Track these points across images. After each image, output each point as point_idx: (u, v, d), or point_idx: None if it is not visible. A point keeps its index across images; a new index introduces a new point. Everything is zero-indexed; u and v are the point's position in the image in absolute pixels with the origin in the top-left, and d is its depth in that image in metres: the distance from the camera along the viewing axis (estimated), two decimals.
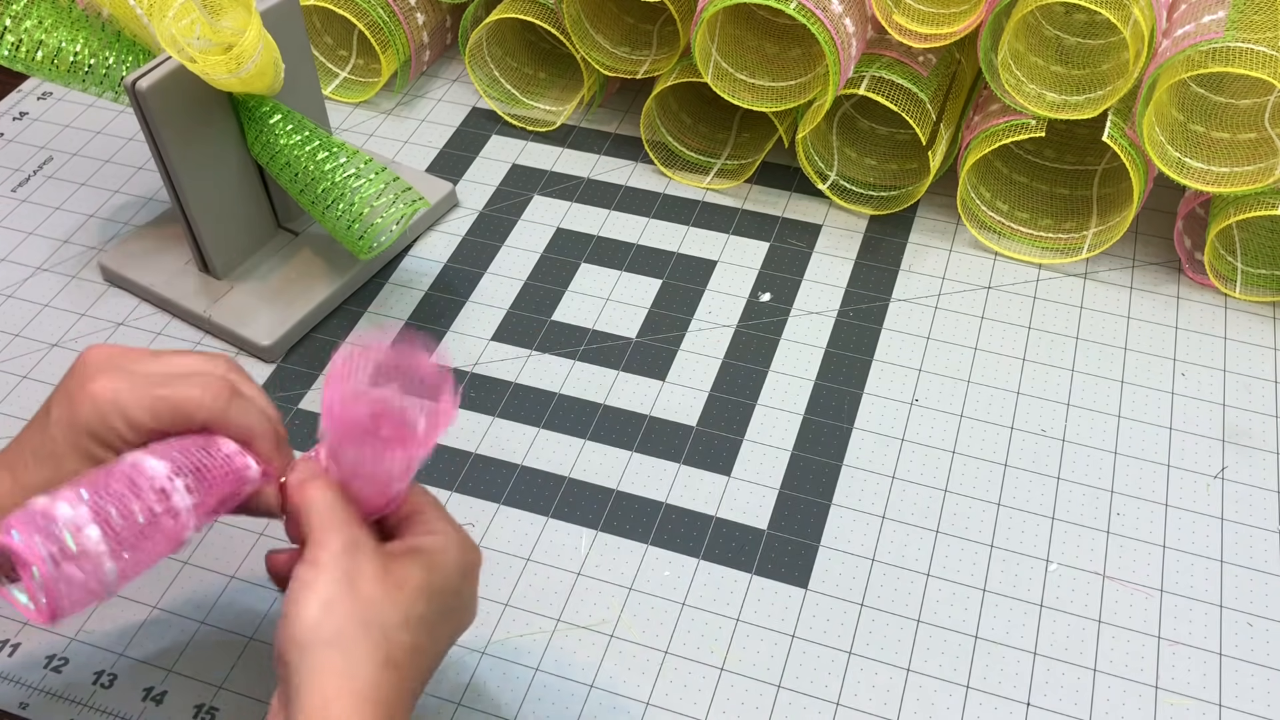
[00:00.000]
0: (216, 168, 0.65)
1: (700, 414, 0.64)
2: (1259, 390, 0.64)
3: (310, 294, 0.69)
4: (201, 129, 0.63)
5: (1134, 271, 0.71)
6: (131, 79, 0.58)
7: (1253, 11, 0.61)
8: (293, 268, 0.70)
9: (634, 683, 0.53)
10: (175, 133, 0.61)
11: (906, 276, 0.71)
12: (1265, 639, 0.54)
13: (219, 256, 0.68)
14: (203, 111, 0.62)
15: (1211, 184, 0.64)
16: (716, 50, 0.71)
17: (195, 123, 0.62)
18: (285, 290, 0.69)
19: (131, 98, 0.59)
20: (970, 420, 0.63)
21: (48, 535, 0.38)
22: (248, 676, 0.54)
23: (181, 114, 0.61)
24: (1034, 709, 0.52)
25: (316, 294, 0.69)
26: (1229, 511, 0.59)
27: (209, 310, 0.68)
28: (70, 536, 0.38)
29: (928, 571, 0.57)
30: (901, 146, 0.78)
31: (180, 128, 0.61)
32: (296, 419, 0.64)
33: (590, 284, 0.71)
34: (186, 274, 0.70)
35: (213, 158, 0.64)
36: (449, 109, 0.84)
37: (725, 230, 0.75)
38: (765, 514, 0.59)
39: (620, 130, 0.82)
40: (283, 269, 0.70)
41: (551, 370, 0.66)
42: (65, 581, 0.38)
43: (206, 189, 0.65)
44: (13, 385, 0.67)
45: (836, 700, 0.52)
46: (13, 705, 0.53)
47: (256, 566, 0.58)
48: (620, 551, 0.58)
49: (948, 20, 0.68)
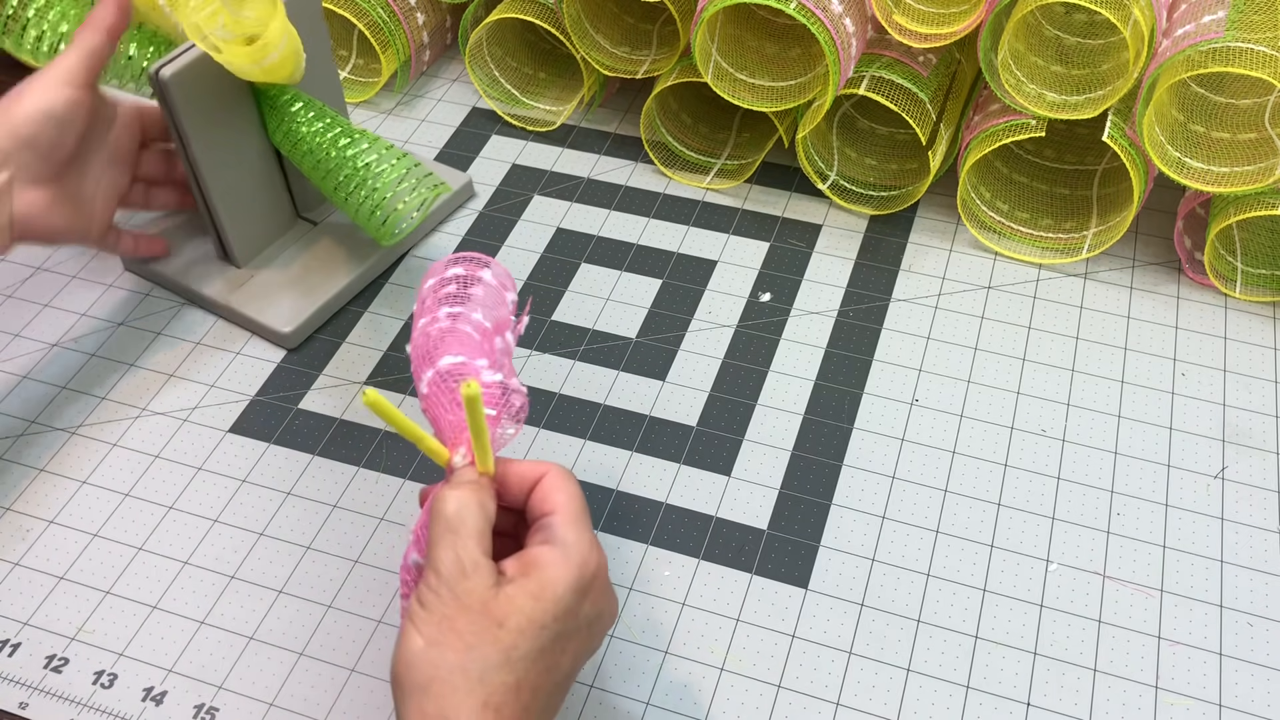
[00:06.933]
0: (238, 156, 0.65)
1: (700, 414, 0.64)
2: (1259, 390, 0.64)
3: (329, 282, 0.69)
4: (223, 118, 0.63)
5: (1134, 271, 0.71)
6: (155, 68, 0.58)
7: (1253, 11, 0.61)
8: (312, 256, 0.70)
9: (634, 683, 0.53)
10: (197, 122, 0.61)
11: (906, 276, 0.71)
12: (1265, 639, 0.54)
13: (239, 245, 0.69)
14: (225, 101, 0.62)
15: (1211, 184, 0.64)
16: (716, 50, 0.71)
17: (217, 112, 0.62)
18: (304, 278, 0.69)
19: (155, 87, 0.59)
20: (970, 420, 0.63)
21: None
22: (248, 676, 0.54)
23: (204, 103, 0.61)
24: (1034, 709, 0.52)
25: (335, 282, 0.69)
26: (1229, 511, 0.59)
27: (229, 298, 0.68)
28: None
29: (928, 571, 0.57)
30: (901, 146, 0.78)
31: (202, 117, 0.61)
32: (297, 419, 0.64)
33: (590, 284, 0.71)
34: (206, 262, 0.70)
35: (234, 147, 0.65)
36: (449, 109, 0.84)
37: (725, 230, 0.75)
38: (765, 514, 0.59)
39: (620, 130, 0.82)
40: (302, 257, 0.70)
41: (551, 370, 0.66)
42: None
43: (228, 178, 0.65)
44: (13, 385, 0.67)
45: (836, 700, 0.52)
46: (13, 705, 0.53)
47: (257, 566, 0.58)
48: (620, 551, 0.58)
49: (948, 20, 0.68)
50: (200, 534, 0.59)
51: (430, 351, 0.45)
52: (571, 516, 0.44)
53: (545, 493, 0.44)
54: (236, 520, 0.60)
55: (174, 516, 0.60)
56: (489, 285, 0.48)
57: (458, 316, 0.47)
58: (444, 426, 0.45)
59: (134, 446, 0.63)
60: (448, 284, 0.48)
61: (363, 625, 0.55)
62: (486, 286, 0.48)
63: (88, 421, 0.64)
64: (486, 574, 0.41)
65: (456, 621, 0.40)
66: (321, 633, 0.55)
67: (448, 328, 0.46)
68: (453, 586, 0.41)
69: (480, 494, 0.43)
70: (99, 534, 0.59)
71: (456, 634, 0.40)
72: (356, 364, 0.67)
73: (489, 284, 0.48)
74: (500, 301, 0.48)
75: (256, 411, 0.65)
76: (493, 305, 0.48)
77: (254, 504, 0.61)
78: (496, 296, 0.48)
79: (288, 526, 0.59)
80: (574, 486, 0.45)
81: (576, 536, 0.43)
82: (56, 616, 0.56)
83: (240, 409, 0.65)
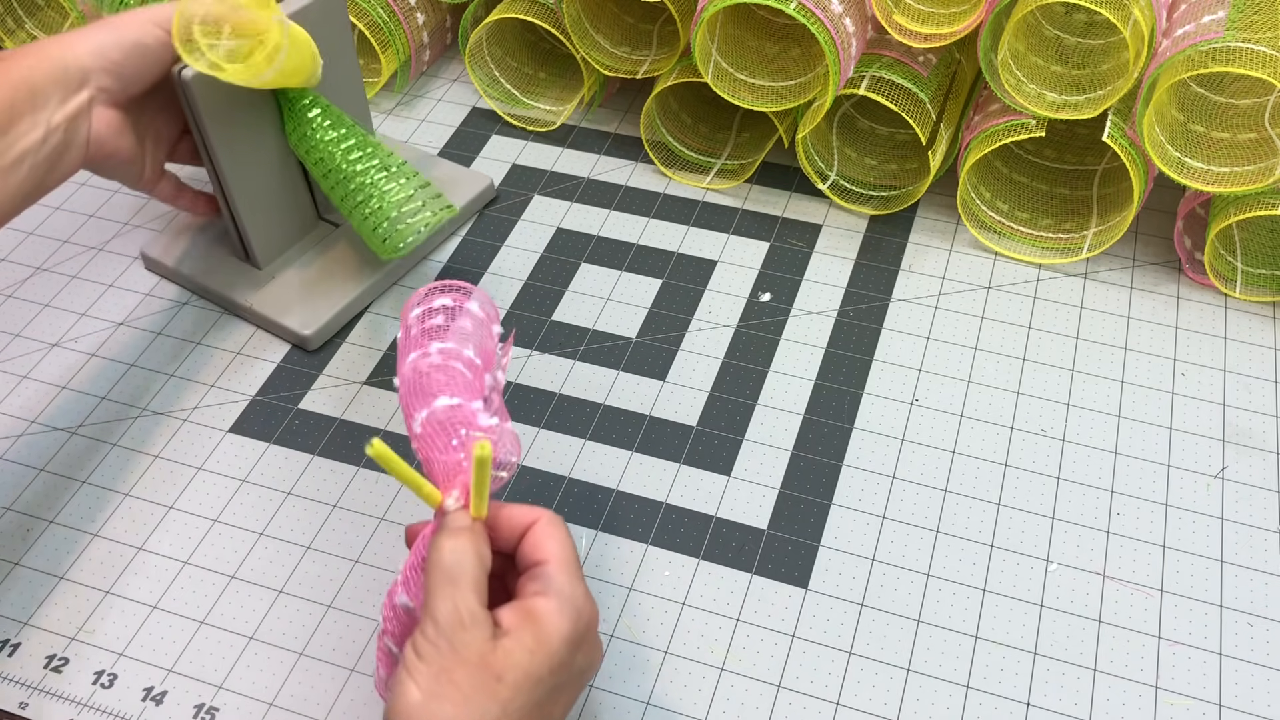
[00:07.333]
0: (260, 158, 0.65)
1: (700, 414, 0.64)
2: (1259, 390, 0.64)
3: (350, 285, 0.69)
4: (246, 119, 0.63)
5: (1134, 271, 0.71)
6: (178, 69, 0.58)
7: (1253, 11, 0.61)
8: (332, 259, 0.70)
9: (634, 683, 0.53)
10: (220, 123, 0.61)
11: (906, 276, 0.71)
12: (1265, 639, 0.54)
13: (260, 246, 0.69)
14: (247, 102, 0.62)
15: (1211, 184, 0.64)
16: (716, 50, 0.71)
17: (240, 113, 0.62)
18: (325, 281, 0.69)
19: (177, 88, 0.59)
20: (970, 420, 0.63)
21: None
22: (248, 676, 0.54)
23: (226, 104, 0.61)
24: (1034, 709, 0.52)
25: (356, 285, 0.69)
26: (1229, 511, 0.59)
27: (250, 299, 0.68)
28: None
29: (928, 571, 0.57)
30: (901, 146, 0.78)
31: (225, 118, 0.61)
32: (297, 419, 0.64)
33: (590, 284, 0.71)
34: (227, 263, 0.70)
35: (256, 148, 0.65)
36: (449, 109, 0.84)
37: (725, 230, 0.75)
38: (765, 514, 0.59)
39: (620, 130, 0.82)
40: (322, 260, 0.70)
41: (551, 370, 0.66)
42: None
43: (250, 179, 0.65)
44: (13, 385, 0.67)
45: (836, 700, 0.52)
46: (13, 705, 0.53)
47: (257, 566, 0.58)
48: (620, 551, 0.58)
49: (948, 20, 0.68)
50: (200, 534, 0.59)
51: (423, 389, 0.45)
52: (565, 566, 0.44)
53: (538, 540, 0.44)
54: (236, 520, 0.60)
55: (174, 516, 0.60)
56: (476, 317, 0.48)
57: (448, 353, 0.46)
58: (437, 468, 0.44)
59: (134, 446, 0.63)
60: (434, 314, 0.48)
61: (363, 625, 0.55)
62: (474, 318, 0.48)
63: (88, 421, 0.64)
64: (485, 626, 0.41)
65: (454, 674, 0.40)
66: (321, 633, 0.55)
67: (439, 364, 0.46)
68: (451, 638, 0.40)
69: (477, 542, 0.43)
70: (99, 534, 0.59)
71: (454, 686, 0.40)
72: (357, 364, 0.67)
73: (476, 315, 0.48)
74: (487, 334, 0.48)
75: (256, 411, 0.65)
76: (480, 339, 0.48)
77: (254, 504, 0.61)
78: (484, 329, 0.48)
79: (288, 526, 0.59)
80: (565, 534, 0.45)
81: (571, 589, 0.43)
82: (56, 616, 0.56)
83: (240, 409, 0.65)
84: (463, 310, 0.48)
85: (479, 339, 0.47)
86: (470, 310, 0.48)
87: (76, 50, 0.55)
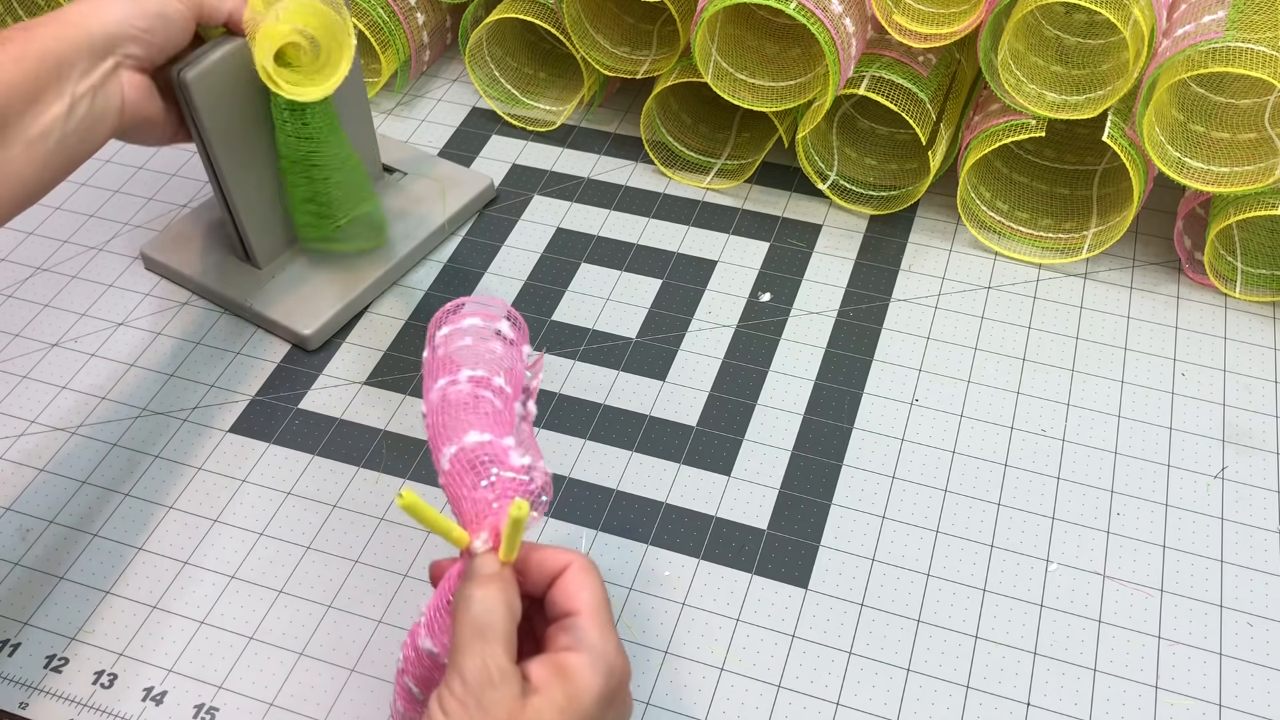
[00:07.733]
0: (260, 158, 0.65)
1: (700, 414, 0.64)
2: (1259, 390, 0.64)
3: (350, 285, 0.69)
4: (246, 119, 0.63)
5: (1134, 271, 0.71)
6: (177, 69, 0.58)
7: (1253, 11, 0.61)
8: (333, 258, 0.71)
9: (634, 683, 0.53)
10: (220, 122, 0.61)
11: (906, 276, 0.71)
12: (1265, 639, 0.54)
13: (260, 247, 0.69)
14: (247, 102, 0.62)
15: (1211, 184, 0.64)
16: (716, 50, 0.71)
17: (240, 113, 0.62)
18: (325, 280, 0.69)
19: (177, 88, 0.59)
20: (970, 420, 0.63)
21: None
22: (248, 676, 0.54)
23: (226, 104, 0.61)
24: (1034, 709, 0.52)
25: (356, 285, 0.69)
26: (1229, 511, 0.59)
27: (250, 299, 0.68)
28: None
29: (928, 571, 0.57)
30: (901, 146, 0.78)
31: (225, 117, 0.61)
32: (297, 419, 0.64)
33: (590, 284, 0.71)
34: (227, 263, 0.70)
35: (256, 148, 0.64)
36: (449, 109, 0.84)
37: (725, 230, 0.75)
38: (765, 514, 0.59)
39: (620, 130, 0.82)
40: (322, 259, 0.70)
41: (552, 370, 0.66)
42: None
43: (249, 179, 0.65)
44: (13, 385, 0.67)
45: (836, 700, 0.52)
46: (13, 705, 0.53)
47: (257, 566, 0.58)
48: (620, 551, 0.58)
49: (948, 20, 0.68)
50: (200, 534, 0.59)
51: (452, 422, 0.43)
52: (598, 619, 0.42)
53: (569, 589, 0.42)
54: (237, 520, 0.60)
55: (174, 516, 0.60)
56: (506, 339, 0.46)
57: (479, 380, 0.44)
58: (465, 508, 0.43)
59: (134, 446, 0.63)
60: (463, 335, 0.46)
61: (363, 625, 0.55)
62: (505, 342, 0.46)
63: (88, 421, 0.64)
64: (514, 683, 0.39)
65: None
66: (321, 633, 0.55)
67: (469, 393, 0.44)
68: (479, 697, 0.39)
69: (507, 591, 0.41)
70: (99, 534, 0.59)
71: None
72: (357, 364, 0.67)
73: (508, 337, 0.46)
74: (518, 358, 0.46)
75: (256, 411, 0.65)
76: (511, 363, 0.46)
77: (254, 504, 0.61)
78: (514, 352, 0.46)
79: (288, 526, 0.59)
80: (598, 583, 0.43)
81: (604, 644, 0.41)
82: (56, 616, 0.56)
83: (240, 409, 0.65)
84: (493, 332, 0.46)
85: (509, 363, 0.46)
86: (501, 332, 0.46)
87: (103, 18, 0.54)
